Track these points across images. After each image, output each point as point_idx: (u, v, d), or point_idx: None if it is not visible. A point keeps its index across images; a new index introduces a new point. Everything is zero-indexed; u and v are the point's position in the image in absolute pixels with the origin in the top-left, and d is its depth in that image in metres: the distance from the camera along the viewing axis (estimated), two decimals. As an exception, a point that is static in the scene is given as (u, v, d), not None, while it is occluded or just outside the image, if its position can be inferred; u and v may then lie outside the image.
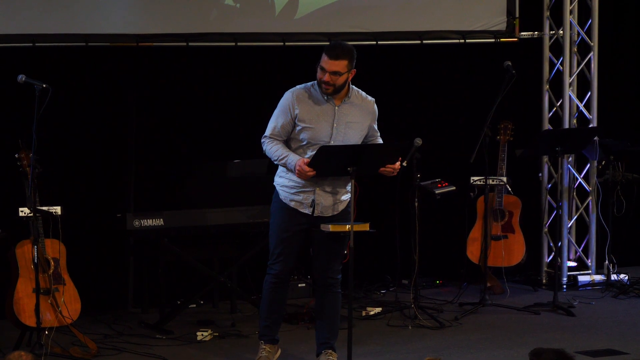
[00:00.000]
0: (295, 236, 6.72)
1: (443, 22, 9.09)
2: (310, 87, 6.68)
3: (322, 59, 6.57)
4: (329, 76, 6.53)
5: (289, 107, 6.63)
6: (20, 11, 7.96)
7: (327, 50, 6.59)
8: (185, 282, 8.48)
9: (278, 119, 6.67)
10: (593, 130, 9.05)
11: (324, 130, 6.62)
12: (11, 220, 7.20)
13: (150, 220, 7.80)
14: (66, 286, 7.16)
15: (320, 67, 6.57)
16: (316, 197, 6.65)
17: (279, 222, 6.73)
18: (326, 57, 6.55)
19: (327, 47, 6.66)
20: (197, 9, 8.45)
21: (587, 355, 7.00)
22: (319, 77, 6.58)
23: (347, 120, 6.67)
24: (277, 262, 6.77)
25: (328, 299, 6.84)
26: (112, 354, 7.19)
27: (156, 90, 8.63)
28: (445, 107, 9.56)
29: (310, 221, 6.70)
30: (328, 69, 6.53)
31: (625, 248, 9.69)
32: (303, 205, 6.67)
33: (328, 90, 6.57)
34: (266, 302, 6.87)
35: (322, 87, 6.59)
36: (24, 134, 7.01)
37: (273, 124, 6.70)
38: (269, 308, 6.87)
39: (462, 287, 8.86)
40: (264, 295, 6.87)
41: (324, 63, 6.55)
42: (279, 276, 6.80)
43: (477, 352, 7.23)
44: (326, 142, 6.58)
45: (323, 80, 6.55)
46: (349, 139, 6.65)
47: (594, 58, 9.41)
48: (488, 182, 8.48)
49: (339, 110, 6.65)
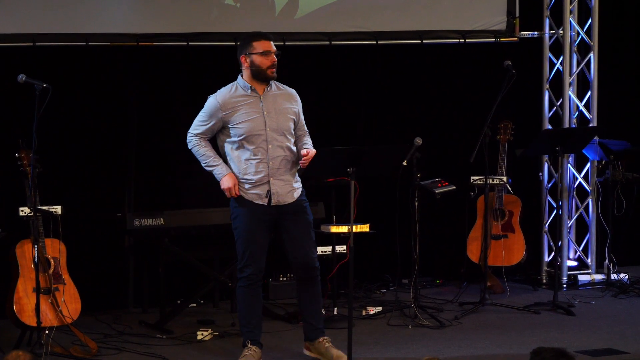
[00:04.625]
0: (260, 233, 6.76)
1: (443, 21, 9.09)
2: (231, 87, 6.86)
3: (258, 46, 6.75)
4: (274, 57, 6.75)
5: (214, 112, 6.79)
6: (20, 11, 7.97)
7: (261, 36, 6.81)
8: (185, 281, 8.49)
9: (206, 121, 6.82)
10: (593, 129, 9.05)
11: (257, 121, 6.74)
12: (11, 220, 7.21)
13: (150, 220, 7.80)
14: (66, 286, 7.17)
15: (263, 53, 6.74)
16: (271, 187, 6.72)
17: (243, 224, 6.78)
18: (265, 40, 6.78)
19: (258, 34, 6.86)
20: (197, 8, 8.46)
21: (587, 355, 7.00)
22: (267, 62, 6.74)
23: (276, 107, 6.82)
24: (248, 265, 6.77)
25: (315, 288, 6.93)
26: (113, 354, 7.19)
27: (156, 90, 8.64)
28: (445, 107, 9.56)
29: (270, 213, 6.75)
30: (273, 49, 6.76)
31: (625, 247, 9.69)
32: (260, 197, 6.74)
33: (274, 74, 6.78)
34: (243, 307, 6.85)
35: (268, 72, 6.76)
36: (24, 133, 7.02)
37: (201, 125, 6.83)
38: (247, 313, 6.85)
39: (462, 287, 8.87)
40: (240, 301, 6.85)
41: (267, 46, 6.76)
42: (251, 278, 6.78)
43: (477, 351, 7.23)
44: (263, 132, 6.71)
45: (273, 64, 6.75)
46: (281, 126, 6.78)
47: (594, 58, 9.42)
48: (488, 182, 8.48)
49: (264, 99, 6.80)
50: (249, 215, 6.76)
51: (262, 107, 6.76)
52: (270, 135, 6.73)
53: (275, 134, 6.74)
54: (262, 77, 6.78)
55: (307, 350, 7.05)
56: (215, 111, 6.78)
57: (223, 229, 8.03)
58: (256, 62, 6.76)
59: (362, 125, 9.28)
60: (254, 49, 6.76)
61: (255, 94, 6.79)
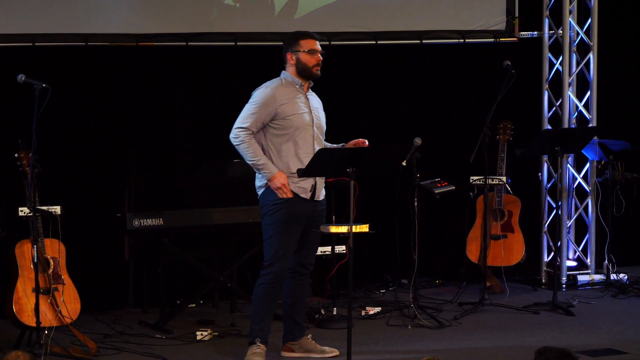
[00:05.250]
0: (295, 229, 6.84)
1: (443, 21, 9.09)
2: (281, 80, 6.91)
3: (305, 44, 6.87)
4: (319, 56, 6.88)
5: (269, 102, 6.79)
6: (20, 11, 7.97)
7: (308, 34, 6.94)
8: (185, 282, 8.49)
9: (257, 112, 6.79)
10: (592, 130, 9.05)
11: (305, 116, 6.85)
12: (11, 220, 7.20)
13: (150, 220, 7.80)
14: (66, 286, 7.16)
15: (309, 51, 6.86)
16: (317, 182, 6.85)
17: (281, 218, 6.79)
18: (311, 39, 6.91)
19: (305, 33, 6.98)
20: (197, 8, 8.46)
21: (586, 355, 7.00)
22: (312, 61, 6.87)
23: (315, 106, 6.98)
24: (277, 262, 6.81)
25: (304, 287, 7.06)
26: (112, 354, 7.19)
27: (156, 90, 8.64)
28: (445, 107, 9.56)
29: (309, 207, 6.84)
30: (319, 49, 6.89)
31: (624, 248, 9.69)
32: (305, 191, 6.82)
33: (319, 72, 6.90)
34: (260, 304, 6.88)
35: (314, 70, 6.87)
36: (24, 133, 7.01)
37: (251, 118, 6.81)
38: (263, 311, 6.89)
39: (462, 287, 8.87)
40: (259, 298, 6.89)
41: (313, 45, 6.90)
42: (277, 275, 6.84)
43: (476, 351, 7.23)
44: (310, 127, 6.84)
45: (318, 62, 6.87)
46: (322, 124, 6.98)
47: (593, 58, 9.42)
48: (488, 182, 8.48)
49: (308, 96, 6.94)
50: (291, 210, 6.81)
51: (308, 103, 6.90)
52: (315, 132, 6.89)
53: (318, 131, 6.92)
54: (307, 75, 6.90)
55: (288, 352, 7.08)
56: (270, 101, 6.79)
57: (223, 229, 8.06)
58: (302, 60, 6.88)
59: (362, 126, 9.28)
60: (300, 46, 6.88)
61: (302, 90, 6.91)
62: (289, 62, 6.91)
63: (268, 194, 6.85)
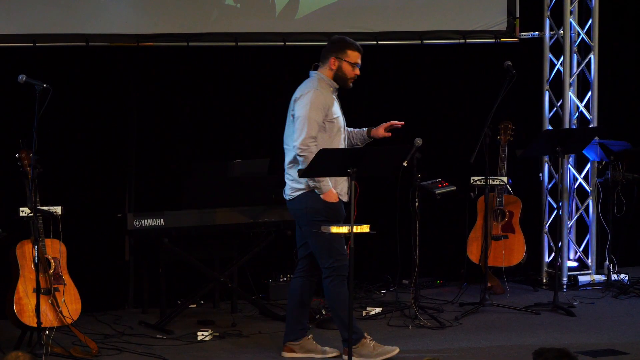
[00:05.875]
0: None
1: (443, 22, 9.09)
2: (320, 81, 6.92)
3: (352, 55, 6.91)
4: (358, 70, 6.95)
5: (326, 104, 6.83)
6: (20, 11, 7.96)
7: (356, 47, 6.95)
8: (185, 282, 8.48)
9: (318, 118, 6.81)
10: (593, 130, 9.04)
11: (341, 119, 6.97)
12: (11, 220, 7.20)
13: (151, 220, 7.80)
14: (66, 286, 7.16)
15: (353, 64, 6.90)
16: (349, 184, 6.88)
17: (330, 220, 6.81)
18: (358, 52, 6.93)
19: (354, 44, 6.97)
20: (197, 9, 8.45)
21: (587, 355, 7.00)
22: (352, 74, 6.93)
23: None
24: (340, 259, 6.82)
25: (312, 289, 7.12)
26: (113, 354, 7.19)
27: (156, 90, 8.63)
28: (446, 108, 9.56)
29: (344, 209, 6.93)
30: (360, 63, 6.95)
31: (625, 248, 9.68)
32: (345, 194, 6.91)
33: (351, 86, 6.99)
34: (345, 302, 6.77)
35: (349, 82, 6.95)
36: (25, 133, 7.01)
37: (315, 122, 6.80)
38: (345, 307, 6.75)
39: (463, 287, 8.87)
40: (340, 298, 6.82)
41: (357, 59, 6.93)
42: (346, 271, 6.83)
43: (477, 352, 7.22)
44: (344, 129, 6.97)
45: (355, 76, 6.95)
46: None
47: (594, 58, 9.41)
48: (488, 182, 8.48)
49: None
50: (336, 211, 6.86)
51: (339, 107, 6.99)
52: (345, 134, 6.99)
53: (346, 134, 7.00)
54: (341, 83, 6.96)
55: (289, 353, 7.08)
56: (323, 103, 6.84)
57: (223, 229, 8.05)
58: (344, 69, 6.92)
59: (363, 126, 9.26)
60: (347, 56, 6.91)
61: (335, 94, 6.98)
62: (330, 66, 6.91)
63: (311, 199, 6.83)
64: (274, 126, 8.99)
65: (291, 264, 8.83)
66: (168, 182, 8.57)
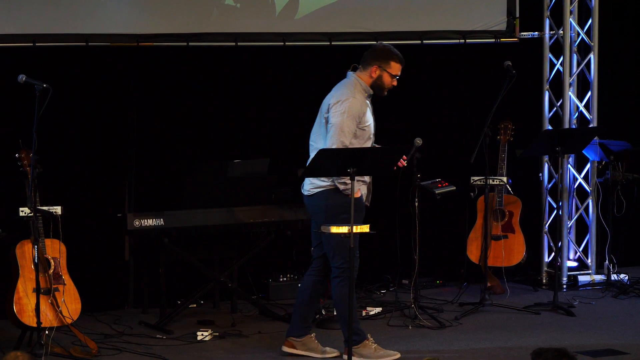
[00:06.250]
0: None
1: (443, 22, 9.09)
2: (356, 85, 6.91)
3: (395, 67, 6.93)
4: (395, 82, 6.96)
5: (360, 112, 6.82)
6: (20, 11, 7.96)
7: (400, 59, 6.96)
8: (185, 282, 8.48)
9: (352, 124, 6.81)
10: (593, 130, 9.05)
11: (372, 126, 6.98)
12: (11, 220, 7.20)
13: (151, 220, 7.80)
14: (66, 286, 7.16)
15: (393, 75, 6.92)
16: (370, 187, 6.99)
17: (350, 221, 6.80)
18: (401, 65, 6.96)
19: (398, 56, 6.97)
20: (197, 9, 8.45)
21: (587, 355, 7.00)
22: (389, 85, 6.95)
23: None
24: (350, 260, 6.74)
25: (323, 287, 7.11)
26: (113, 354, 7.19)
27: (156, 90, 8.63)
28: (446, 107, 9.56)
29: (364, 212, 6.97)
30: (399, 75, 6.96)
31: (625, 248, 9.68)
32: (367, 198, 7.00)
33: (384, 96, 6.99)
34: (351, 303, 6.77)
35: (384, 92, 6.97)
36: (24, 133, 7.01)
37: (351, 130, 6.80)
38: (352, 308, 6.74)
39: (462, 287, 8.87)
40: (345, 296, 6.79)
41: (398, 71, 6.95)
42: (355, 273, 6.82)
43: (477, 352, 7.23)
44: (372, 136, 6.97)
45: (391, 87, 6.96)
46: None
47: (594, 58, 9.41)
48: (488, 182, 8.48)
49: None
50: (360, 211, 6.87)
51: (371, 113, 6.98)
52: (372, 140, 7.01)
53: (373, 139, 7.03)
54: (377, 91, 6.97)
55: (289, 348, 7.10)
56: (359, 111, 6.84)
57: (223, 229, 8.05)
58: (383, 79, 6.94)
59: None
60: (389, 67, 6.93)
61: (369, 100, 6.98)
62: (370, 73, 6.90)
63: (331, 196, 6.82)
64: (274, 126, 9.02)
65: (291, 264, 8.85)
66: (168, 182, 8.57)
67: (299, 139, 9.04)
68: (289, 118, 9.01)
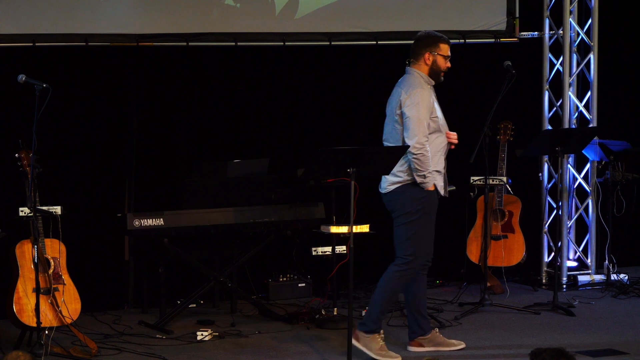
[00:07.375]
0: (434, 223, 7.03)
1: (443, 22, 9.08)
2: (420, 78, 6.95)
3: (444, 48, 6.97)
4: (449, 63, 7.00)
5: (428, 103, 6.88)
6: (20, 11, 7.96)
7: (446, 40, 7.00)
8: (185, 282, 8.48)
9: (426, 117, 6.86)
10: (593, 130, 9.05)
11: (441, 116, 7.00)
12: (11, 220, 7.20)
13: (150, 220, 7.80)
14: (66, 286, 7.16)
15: (444, 56, 6.95)
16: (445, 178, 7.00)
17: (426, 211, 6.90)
18: (447, 45, 6.98)
19: (444, 37, 7.02)
20: (197, 8, 8.45)
21: (587, 355, 7.00)
22: (445, 66, 6.97)
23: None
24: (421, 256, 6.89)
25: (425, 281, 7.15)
26: (113, 354, 7.19)
27: (156, 90, 8.63)
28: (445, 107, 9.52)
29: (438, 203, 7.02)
30: (450, 55, 6.98)
31: (625, 248, 9.68)
32: (444, 188, 6.99)
33: (443, 79, 7.02)
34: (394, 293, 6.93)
35: (442, 75, 6.99)
36: (24, 133, 7.01)
37: (425, 123, 6.84)
38: (391, 299, 6.96)
39: (462, 287, 8.87)
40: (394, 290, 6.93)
41: (448, 51, 6.98)
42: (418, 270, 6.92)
43: (476, 352, 7.22)
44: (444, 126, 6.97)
45: (447, 68, 6.99)
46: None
47: (593, 58, 9.42)
48: (488, 182, 8.48)
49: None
50: (434, 205, 6.93)
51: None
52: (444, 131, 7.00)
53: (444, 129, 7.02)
54: (436, 78, 7.01)
55: (417, 347, 7.11)
56: (429, 102, 6.88)
57: (223, 229, 8.05)
58: (438, 63, 6.98)
59: (363, 126, 9.27)
60: (440, 49, 6.97)
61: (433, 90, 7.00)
62: (425, 61, 6.96)
63: (410, 189, 6.86)
64: (273, 126, 9.01)
65: (291, 264, 8.85)
66: (168, 182, 8.58)
67: (299, 139, 9.07)
68: (289, 118, 9.01)
